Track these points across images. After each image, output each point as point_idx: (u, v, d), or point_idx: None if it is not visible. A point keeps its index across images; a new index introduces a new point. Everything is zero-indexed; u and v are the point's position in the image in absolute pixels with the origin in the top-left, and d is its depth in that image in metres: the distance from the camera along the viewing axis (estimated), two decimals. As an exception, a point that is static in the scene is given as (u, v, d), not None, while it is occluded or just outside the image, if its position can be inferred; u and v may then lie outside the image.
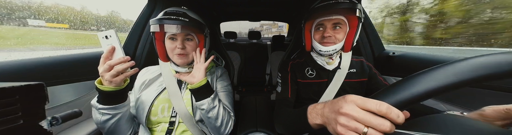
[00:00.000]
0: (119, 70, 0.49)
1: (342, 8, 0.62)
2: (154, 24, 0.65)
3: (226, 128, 0.68)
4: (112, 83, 0.51)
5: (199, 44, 0.72)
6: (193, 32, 0.70)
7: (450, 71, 0.22)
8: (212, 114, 0.63)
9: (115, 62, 0.49)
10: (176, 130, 0.69)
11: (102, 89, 0.52)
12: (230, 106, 0.76)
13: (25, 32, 2.62)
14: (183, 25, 0.65)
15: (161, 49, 0.73)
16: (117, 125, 0.61)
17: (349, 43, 0.71)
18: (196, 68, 0.67)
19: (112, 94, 0.54)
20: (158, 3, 0.97)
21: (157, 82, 0.76)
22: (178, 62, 0.71)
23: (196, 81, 0.63)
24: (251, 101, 1.31)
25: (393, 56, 0.95)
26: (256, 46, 2.12)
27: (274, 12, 1.62)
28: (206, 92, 0.64)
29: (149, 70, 0.80)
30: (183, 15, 0.68)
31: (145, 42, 1.00)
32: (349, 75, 0.75)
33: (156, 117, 0.69)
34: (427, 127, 0.25)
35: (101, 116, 0.57)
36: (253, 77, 1.99)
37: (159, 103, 0.70)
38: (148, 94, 0.71)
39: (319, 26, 0.69)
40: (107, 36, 0.51)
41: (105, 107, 0.55)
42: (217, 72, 0.83)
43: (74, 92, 0.75)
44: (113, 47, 0.51)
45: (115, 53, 0.52)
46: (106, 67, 0.49)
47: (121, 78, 0.51)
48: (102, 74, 0.50)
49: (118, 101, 0.57)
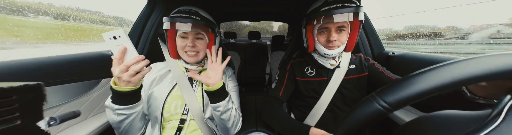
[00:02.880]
0: (136, 69, 0.49)
1: (348, 12, 0.61)
2: (166, 22, 0.66)
3: (235, 128, 0.69)
4: (130, 83, 0.50)
5: (209, 43, 0.73)
6: (203, 31, 0.70)
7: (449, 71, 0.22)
8: (225, 116, 0.63)
9: (132, 62, 0.49)
10: (187, 128, 0.69)
11: (119, 90, 0.51)
12: (238, 106, 0.77)
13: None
14: (194, 23, 0.65)
15: (173, 47, 0.73)
16: (131, 124, 0.61)
17: (352, 44, 0.72)
18: (213, 69, 0.65)
19: (129, 94, 0.53)
20: (157, 3, 0.97)
21: (167, 78, 0.75)
22: (188, 60, 0.72)
23: (212, 82, 0.61)
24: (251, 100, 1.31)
25: (392, 56, 0.95)
26: (256, 47, 2.12)
27: (274, 12, 1.62)
28: (222, 94, 0.63)
29: (157, 67, 0.80)
30: (195, 14, 0.68)
31: (145, 42, 1.00)
32: (349, 71, 0.76)
33: (169, 114, 0.69)
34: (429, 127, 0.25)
35: (117, 116, 0.57)
36: (252, 76, 1.99)
37: (172, 100, 0.70)
38: (160, 90, 0.71)
39: (324, 30, 0.69)
40: (115, 36, 0.49)
41: (122, 107, 0.55)
42: (227, 72, 0.84)
43: (73, 92, 0.75)
44: (124, 47, 0.49)
45: (128, 53, 0.50)
46: (123, 68, 0.48)
47: (139, 77, 0.51)
48: (119, 75, 0.49)
49: (134, 101, 0.56)
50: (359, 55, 0.83)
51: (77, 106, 0.78)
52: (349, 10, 0.60)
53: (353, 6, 0.60)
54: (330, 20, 0.63)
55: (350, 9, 0.60)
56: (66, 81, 0.71)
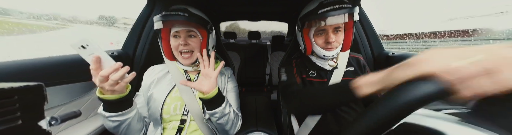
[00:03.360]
0: (116, 79, 0.46)
1: (345, 13, 0.61)
2: (155, 22, 0.65)
3: (234, 129, 0.69)
4: (115, 91, 0.49)
5: (202, 41, 0.71)
6: (194, 27, 0.68)
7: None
8: (223, 121, 0.63)
9: (109, 71, 0.46)
10: (188, 128, 0.69)
11: (107, 99, 0.50)
12: (238, 107, 0.77)
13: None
14: (183, 20, 0.63)
15: (167, 48, 0.72)
16: (128, 128, 0.61)
17: (348, 44, 0.72)
18: (205, 75, 0.62)
19: (118, 102, 0.52)
20: (157, 3, 0.97)
21: (166, 80, 0.75)
22: (183, 63, 0.71)
23: (206, 90, 0.58)
24: (251, 101, 1.32)
25: (392, 56, 0.95)
26: (255, 47, 2.12)
27: (274, 12, 1.62)
28: (218, 101, 0.61)
29: (155, 69, 0.79)
30: (184, 10, 0.67)
31: (145, 42, 1.00)
32: (347, 73, 0.76)
33: (169, 115, 0.69)
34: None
35: (111, 123, 0.57)
36: (253, 77, 1.99)
37: (171, 101, 0.70)
38: (159, 92, 0.71)
39: (321, 32, 0.69)
40: (83, 46, 0.45)
41: (113, 115, 0.54)
42: (226, 72, 0.83)
43: (73, 92, 0.75)
44: (97, 57, 0.46)
45: (104, 62, 0.47)
46: (100, 78, 0.46)
47: (122, 85, 0.49)
48: (100, 85, 0.47)
49: (125, 107, 0.56)
50: (359, 57, 0.82)
51: (77, 106, 0.78)
52: (347, 11, 0.60)
53: (349, 7, 0.60)
54: (329, 21, 0.62)
55: (347, 10, 0.60)
56: (66, 81, 0.71)
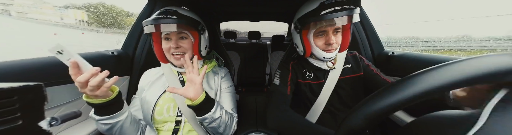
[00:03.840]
0: (94, 84, 0.45)
1: (348, 15, 0.58)
2: (145, 26, 0.64)
3: (229, 130, 0.68)
4: (98, 96, 0.49)
5: (194, 42, 0.71)
6: (184, 29, 0.68)
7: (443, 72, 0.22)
8: (214, 124, 0.62)
9: (86, 76, 0.45)
10: (183, 129, 0.69)
11: (93, 102, 0.50)
12: (234, 107, 0.76)
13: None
14: (171, 23, 0.62)
15: (159, 51, 0.72)
16: (121, 130, 0.61)
17: (346, 45, 0.72)
18: (190, 81, 0.59)
19: (106, 105, 0.52)
20: (157, 3, 0.97)
21: (160, 82, 0.76)
22: (176, 63, 0.71)
23: (192, 97, 0.56)
24: (251, 101, 1.32)
25: (392, 56, 0.95)
26: (255, 46, 2.12)
27: (274, 12, 1.61)
28: (206, 107, 0.59)
29: (151, 72, 0.80)
30: (172, 13, 0.66)
31: (145, 42, 1.00)
32: (345, 71, 0.76)
33: (162, 116, 0.69)
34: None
35: (103, 126, 0.57)
36: (253, 77, 1.99)
37: (164, 103, 0.70)
38: (152, 93, 0.72)
39: (321, 33, 0.67)
40: (59, 51, 0.45)
41: (103, 118, 0.54)
42: (220, 72, 0.82)
43: (73, 93, 0.75)
44: (74, 62, 0.45)
45: (82, 67, 0.47)
46: (79, 84, 0.45)
47: (104, 90, 0.48)
48: (81, 91, 0.47)
49: (115, 110, 0.55)
50: (355, 53, 0.82)
51: (77, 106, 0.78)
52: (351, 12, 0.58)
53: (352, 8, 0.58)
54: (332, 23, 0.60)
55: (350, 11, 0.58)
56: (66, 81, 0.71)
